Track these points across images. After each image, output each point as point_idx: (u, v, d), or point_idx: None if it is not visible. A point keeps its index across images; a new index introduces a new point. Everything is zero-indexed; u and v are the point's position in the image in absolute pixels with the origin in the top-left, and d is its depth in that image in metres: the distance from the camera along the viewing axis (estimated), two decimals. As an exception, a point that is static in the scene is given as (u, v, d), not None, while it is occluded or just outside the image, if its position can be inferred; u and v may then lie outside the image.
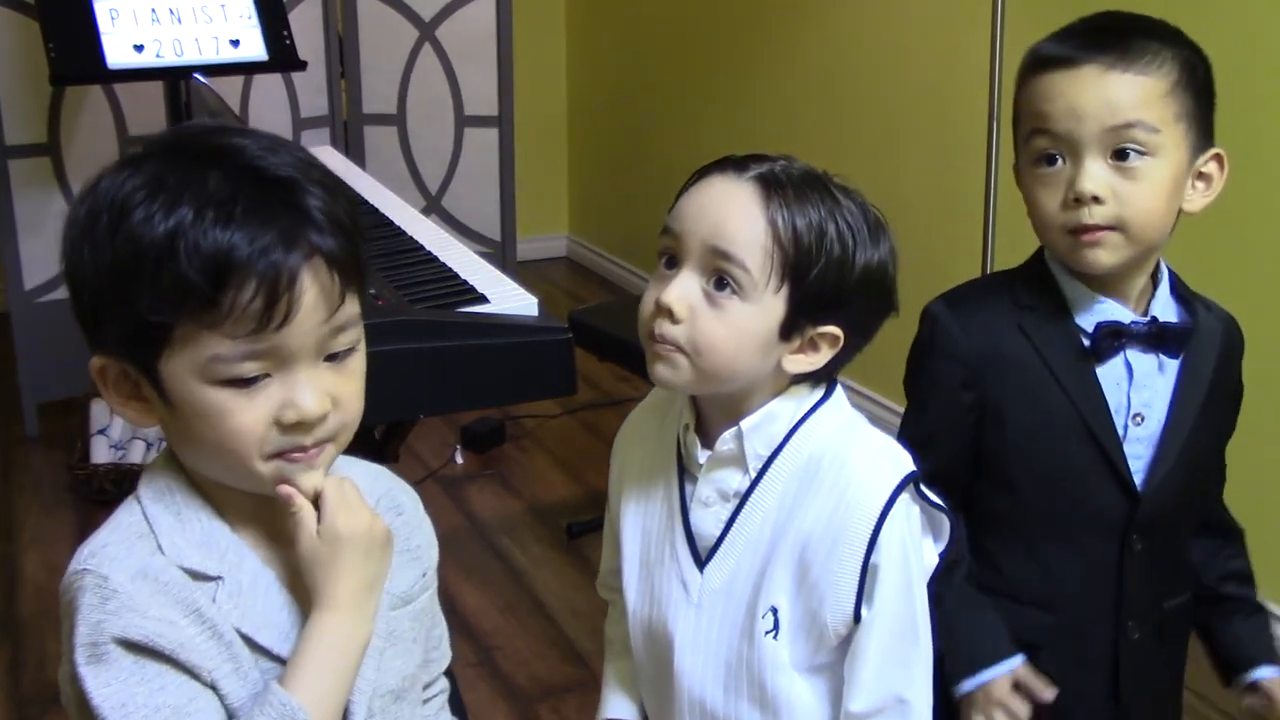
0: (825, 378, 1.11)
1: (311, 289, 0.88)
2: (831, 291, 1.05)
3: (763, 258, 1.03)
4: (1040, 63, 1.22)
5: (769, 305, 1.04)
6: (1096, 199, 1.18)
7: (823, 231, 1.04)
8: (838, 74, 3.55)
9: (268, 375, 0.89)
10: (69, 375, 3.27)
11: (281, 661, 0.93)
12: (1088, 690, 1.30)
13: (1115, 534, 1.27)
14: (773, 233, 1.03)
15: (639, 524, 1.18)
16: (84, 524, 2.88)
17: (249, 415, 0.89)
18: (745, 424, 1.09)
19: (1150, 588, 1.30)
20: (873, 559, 1.06)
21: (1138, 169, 1.19)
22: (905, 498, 1.07)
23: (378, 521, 0.97)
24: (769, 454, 1.09)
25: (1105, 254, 1.21)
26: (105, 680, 0.87)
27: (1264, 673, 1.35)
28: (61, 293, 3.50)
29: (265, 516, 0.96)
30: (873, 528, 1.05)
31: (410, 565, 1.06)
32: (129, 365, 0.91)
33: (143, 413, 0.93)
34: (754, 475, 1.09)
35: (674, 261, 1.07)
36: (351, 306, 0.92)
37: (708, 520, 1.12)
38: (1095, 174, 1.18)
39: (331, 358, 0.92)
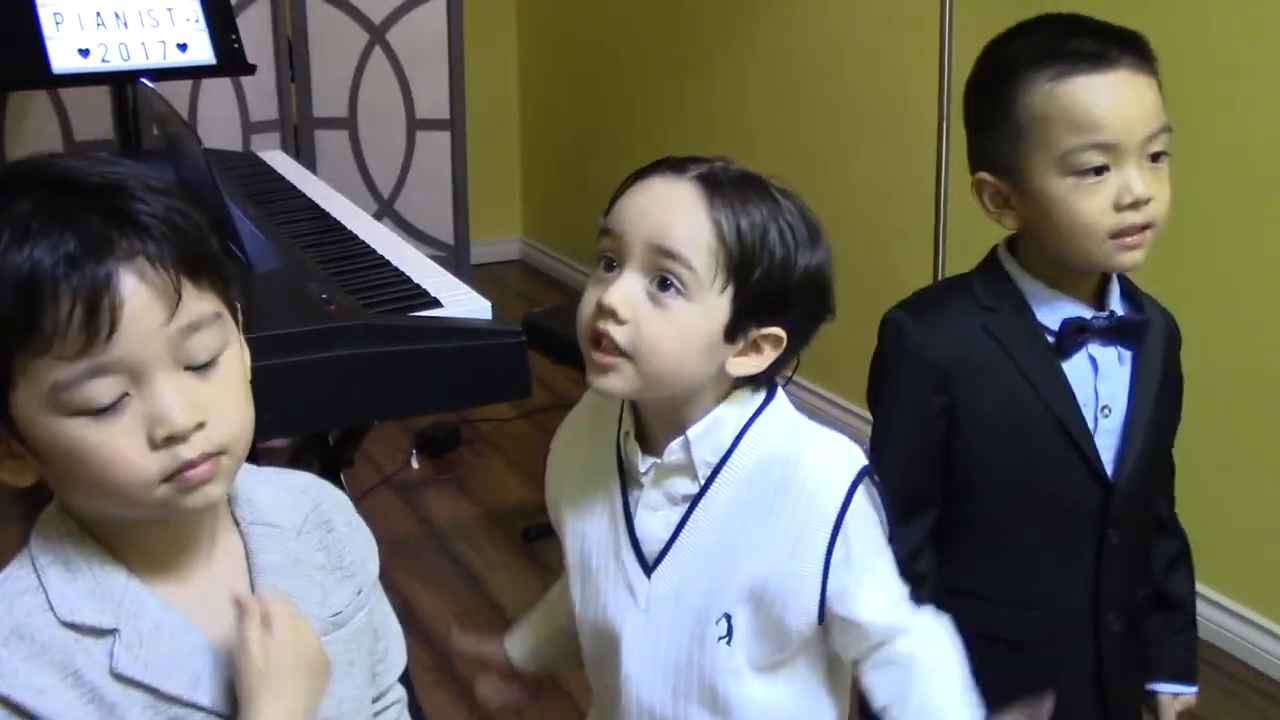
0: (765, 381, 1.11)
1: (139, 291, 0.82)
2: (775, 292, 1.04)
3: (708, 257, 1.02)
4: (1068, 69, 1.20)
5: (714, 306, 1.03)
6: (1148, 200, 1.21)
7: (765, 231, 1.03)
8: (789, 77, 3.57)
9: (125, 395, 0.83)
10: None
11: (194, 707, 0.89)
12: (1074, 685, 1.31)
13: (1091, 527, 1.29)
14: (717, 232, 1.02)
15: (580, 531, 1.16)
16: (33, 535, 2.84)
17: (117, 443, 0.83)
18: (692, 432, 1.08)
19: (1125, 580, 1.32)
20: (834, 557, 1.06)
21: (1162, 171, 1.23)
22: (861, 492, 1.07)
23: (323, 653, 0.93)
24: (717, 460, 1.08)
25: (1142, 253, 1.24)
26: None
27: (1163, 687, 1.41)
28: (7, 301, 3.45)
29: (167, 555, 0.91)
30: (831, 529, 1.05)
31: (343, 584, 1.01)
32: None
33: (18, 471, 0.88)
34: (703, 482, 1.09)
35: (613, 264, 1.05)
36: (201, 305, 0.86)
37: (655, 524, 1.11)
38: (1143, 176, 1.21)
39: (198, 368, 0.86)
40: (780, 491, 1.07)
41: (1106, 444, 1.28)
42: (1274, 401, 2.39)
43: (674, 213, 1.03)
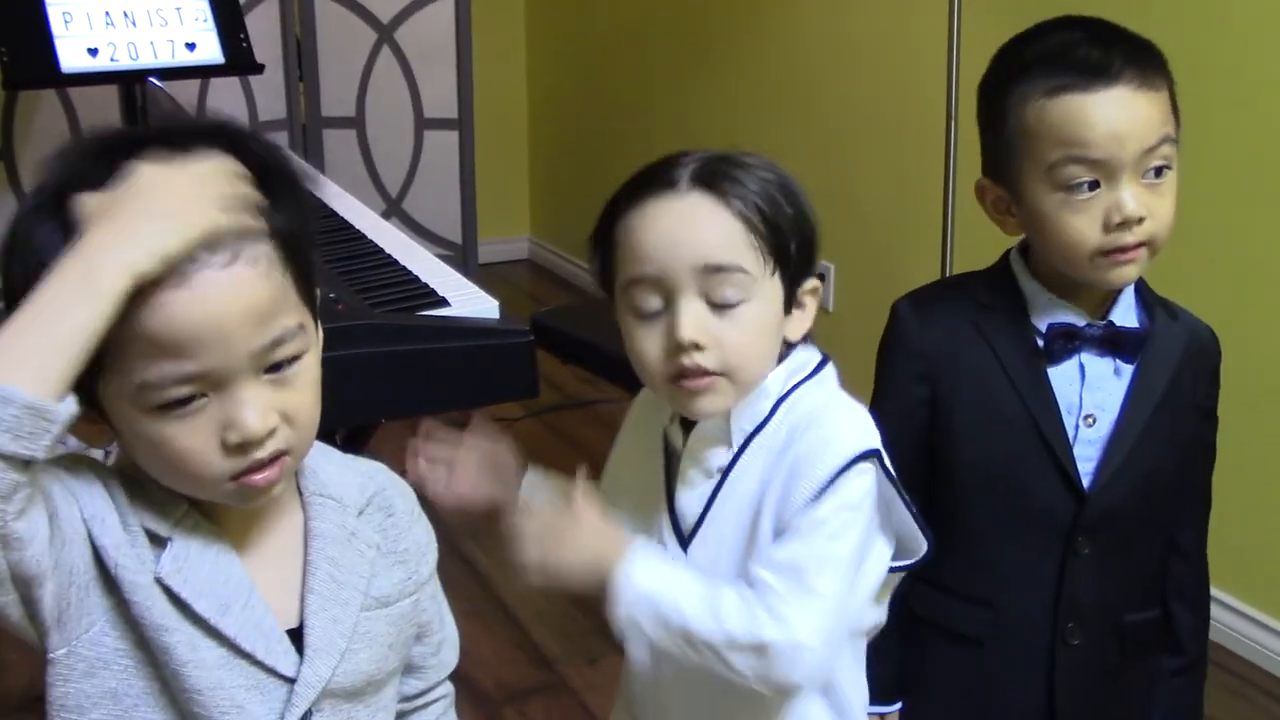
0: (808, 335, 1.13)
1: (233, 303, 0.86)
2: (805, 251, 1.08)
3: (752, 254, 1.04)
4: (1061, 85, 1.18)
5: (771, 293, 1.06)
6: (1140, 219, 1.18)
7: (774, 200, 1.06)
8: (798, 76, 3.57)
9: (204, 395, 0.87)
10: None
11: (215, 633, 0.92)
12: (1024, 693, 1.31)
13: (1060, 535, 1.27)
14: (748, 225, 1.04)
15: (628, 514, 1.18)
16: (42, 533, 2.84)
17: (191, 440, 0.87)
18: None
19: (1101, 596, 1.30)
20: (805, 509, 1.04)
21: (1162, 185, 1.20)
22: (856, 471, 1.04)
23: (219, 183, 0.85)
24: (752, 429, 1.09)
25: (1135, 269, 1.22)
26: None
27: None
28: (17, 300, 3.46)
29: (229, 510, 0.95)
30: (818, 491, 1.03)
31: (394, 568, 1.04)
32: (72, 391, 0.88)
33: (93, 433, 0.94)
34: (736, 450, 1.09)
35: (655, 304, 1.05)
36: (288, 320, 0.89)
37: (691, 500, 1.12)
38: (1137, 195, 1.18)
39: (274, 368, 0.89)
40: (794, 457, 1.06)
41: (1087, 454, 1.27)
42: (1283, 402, 2.39)
43: (702, 227, 1.04)
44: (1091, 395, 1.26)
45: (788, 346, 1.11)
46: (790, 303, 1.08)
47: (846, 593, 1.04)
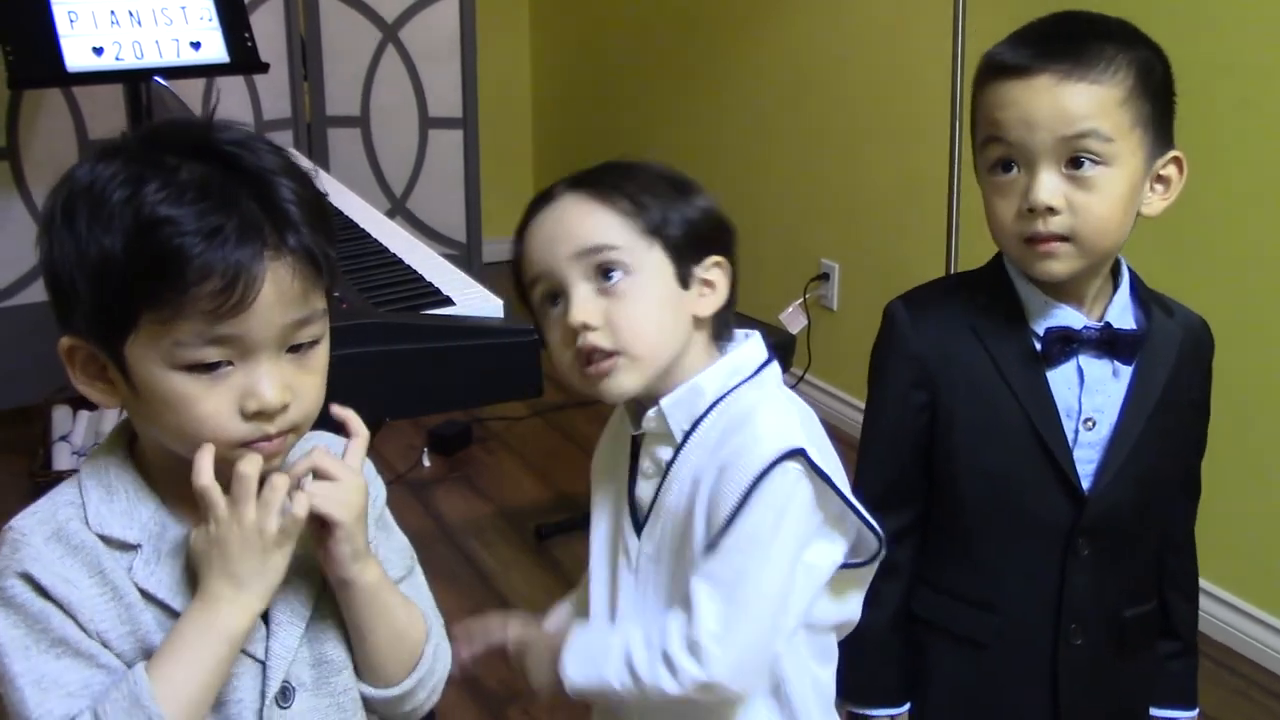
0: (729, 320, 1.17)
1: (273, 285, 0.90)
2: (692, 231, 1.13)
3: (629, 234, 1.10)
4: (995, 70, 1.21)
5: (657, 265, 1.11)
6: (1051, 209, 1.18)
7: (652, 188, 1.13)
8: (803, 75, 3.57)
9: (230, 363, 0.92)
10: (29, 382, 3.24)
11: None
12: (1029, 694, 1.31)
13: (1060, 537, 1.27)
14: (624, 208, 1.11)
15: (598, 503, 1.23)
16: (47, 531, 2.84)
17: (211, 403, 0.91)
18: (665, 401, 1.13)
19: (1102, 595, 1.30)
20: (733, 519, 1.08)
21: (1092, 178, 1.18)
22: (780, 473, 1.06)
23: (270, 522, 0.95)
24: (690, 426, 1.13)
25: (1058, 264, 1.21)
26: (9, 620, 0.92)
27: (1158, 712, 1.41)
28: (20, 299, 3.46)
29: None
30: (743, 494, 1.07)
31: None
32: (96, 347, 0.93)
33: (107, 394, 0.96)
34: (678, 446, 1.13)
35: (556, 299, 1.12)
36: (315, 302, 0.95)
37: (646, 490, 1.17)
38: (1049, 184, 1.18)
39: (294, 349, 0.95)
40: (723, 451, 1.10)
41: (1087, 456, 1.26)
42: (1287, 401, 2.39)
43: (581, 218, 1.12)
44: (1090, 399, 1.26)
45: (712, 334, 1.16)
46: (688, 276, 1.13)
47: (775, 601, 1.08)
